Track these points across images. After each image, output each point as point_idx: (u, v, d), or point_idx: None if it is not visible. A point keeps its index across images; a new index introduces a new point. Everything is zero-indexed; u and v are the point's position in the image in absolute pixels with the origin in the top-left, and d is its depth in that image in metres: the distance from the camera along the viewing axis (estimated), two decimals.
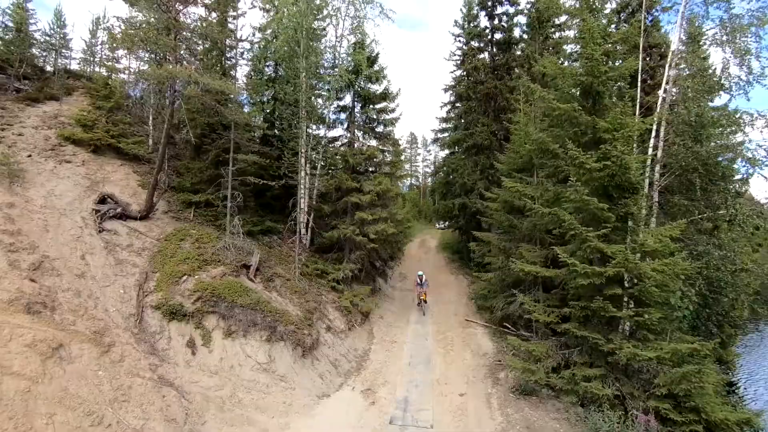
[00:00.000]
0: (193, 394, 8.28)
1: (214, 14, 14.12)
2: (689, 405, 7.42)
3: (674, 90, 11.24)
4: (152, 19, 10.95)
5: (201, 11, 13.65)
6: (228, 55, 14.60)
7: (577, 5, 10.25)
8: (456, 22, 28.46)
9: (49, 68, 20.61)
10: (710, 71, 10.72)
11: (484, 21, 26.76)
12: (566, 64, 14.56)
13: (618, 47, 10.38)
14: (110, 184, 12.77)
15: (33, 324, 7.56)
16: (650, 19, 12.83)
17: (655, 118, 10.61)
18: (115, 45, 13.51)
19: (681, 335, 8.76)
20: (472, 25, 27.24)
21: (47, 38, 22.69)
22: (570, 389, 8.84)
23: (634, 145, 10.74)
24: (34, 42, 18.84)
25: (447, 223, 32.56)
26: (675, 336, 8.79)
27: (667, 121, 10.98)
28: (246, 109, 15.72)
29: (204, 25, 11.58)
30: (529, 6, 23.53)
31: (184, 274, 10.60)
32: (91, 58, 27.33)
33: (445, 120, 31.30)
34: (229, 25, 15.15)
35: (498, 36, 26.09)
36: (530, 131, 11.31)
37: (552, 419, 8.87)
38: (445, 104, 30.30)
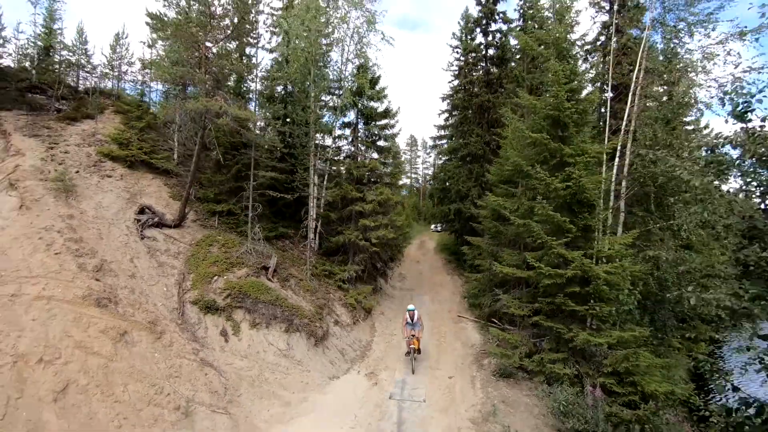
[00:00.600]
0: (228, 373, 10.12)
1: (233, 43, 16.00)
2: (629, 380, 9.24)
3: (634, 118, 13.08)
4: (185, 56, 12.78)
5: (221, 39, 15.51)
6: (247, 79, 16.44)
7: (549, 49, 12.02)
8: (454, 34, 30.33)
9: (70, 82, 22.36)
10: (664, 100, 12.54)
11: (479, 37, 28.63)
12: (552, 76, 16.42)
13: (586, 83, 12.21)
14: (146, 196, 14.63)
15: (102, 315, 9.40)
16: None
17: (619, 142, 12.45)
18: (158, 78, 15.23)
19: (631, 326, 10.57)
20: (468, 38, 29.07)
21: (70, 55, 24.54)
22: (539, 371, 10.68)
23: (611, 163, 12.64)
24: (63, 62, 20.63)
25: (442, 226, 34.38)
26: (627, 326, 10.61)
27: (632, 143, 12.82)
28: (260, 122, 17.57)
29: (230, 61, 13.37)
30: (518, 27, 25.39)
31: (214, 275, 12.46)
32: (112, 72, 29.08)
33: (442, 127, 33.23)
34: (246, 47, 17.02)
35: (491, 52, 27.94)
36: (510, 154, 13.11)
37: (524, 395, 10.70)
38: (443, 112, 32.21)
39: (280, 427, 9.09)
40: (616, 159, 13.01)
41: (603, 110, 14.77)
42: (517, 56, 25.12)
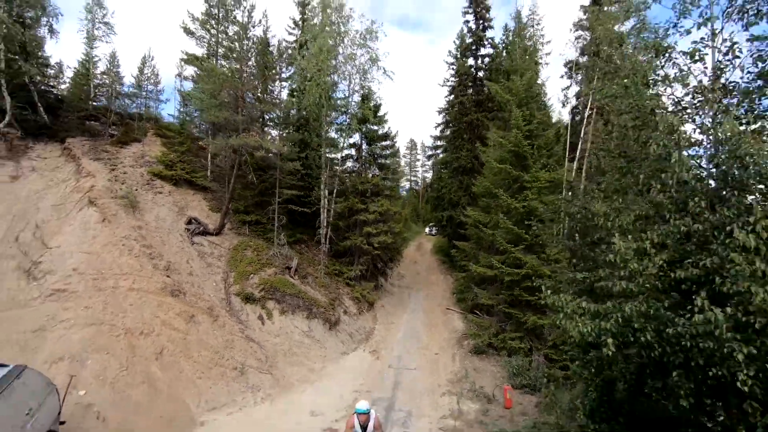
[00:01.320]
0: (266, 347, 13.42)
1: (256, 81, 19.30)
2: (564, 349, 12.50)
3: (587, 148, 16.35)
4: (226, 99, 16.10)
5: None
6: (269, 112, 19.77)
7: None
8: (450, 52, 33.74)
9: (116, 108, 25.58)
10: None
11: (470, 60, 32.03)
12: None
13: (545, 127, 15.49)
14: (191, 209, 17.95)
15: (176, 302, 12.71)
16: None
17: (566, 170, 15.76)
18: (204, 120, 18.44)
19: None
20: (462, 59, 32.40)
21: (104, 79, 27.83)
22: (502, 347, 13.98)
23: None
24: (110, 91, 23.95)
25: (436, 230, 37.59)
26: None
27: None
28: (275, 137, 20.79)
29: (260, 102, 16.66)
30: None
31: (250, 273, 15.76)
32: (140, 91, 32.39)
33: (438, 138, 36.66)
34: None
35: (481, 74, 31.27)
36: (485, 175, 16.41)
37: (491, 365, 14.00)
38: (439, 124, 35.59)
39: (308, 384, 12.39)
40: (571, 181, 16.33)
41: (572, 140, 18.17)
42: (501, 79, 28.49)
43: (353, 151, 22.67)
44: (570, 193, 11.29)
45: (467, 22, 32.55)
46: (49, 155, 18.27)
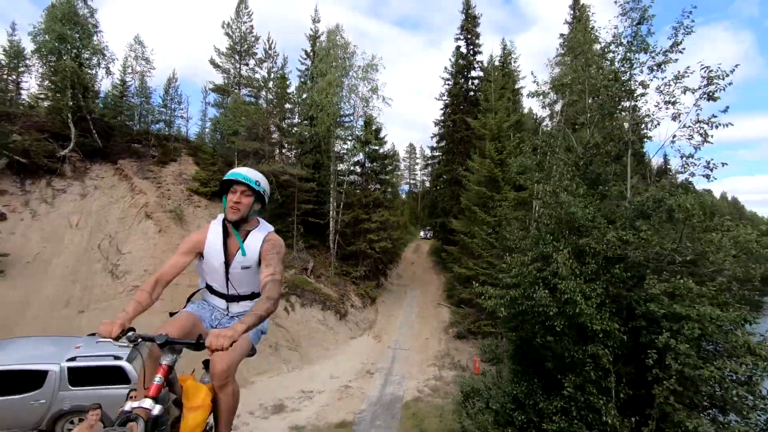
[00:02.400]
0: (292, 332, 17.07)
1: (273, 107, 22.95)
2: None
3: None
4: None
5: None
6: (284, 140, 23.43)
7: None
8: (446, 68, 37.46)
9: (151, 129, 29.20)
10: None
11: (462, 81, 35.78)
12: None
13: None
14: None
15: None
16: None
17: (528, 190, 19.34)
18: (237, 146, 22.06)
19: None
20: (456, 78, 36.10)
21: (133, 102, 31.48)
22: (478, 332, 17.63)
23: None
24: (149, 115, 27.61)
25: (430, 234, 41.13)
26: None
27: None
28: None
29: (282, 133, 20.32)
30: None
31: None
32: (166, 110, 35.92)
33: (434, 149, 40.39)
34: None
35: (471, 94, 34.97)
36: (465, 197, 20.07)
37: (468, 346, 17.67)
38: (435, 135, 39.31)
39: (326, 359, 16.06)
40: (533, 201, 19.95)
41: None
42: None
43: (358, 168, 26.34)
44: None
45: (459, 47, 36.35)
46: (105, 175, 21.89)
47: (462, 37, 36.13)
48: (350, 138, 25.39)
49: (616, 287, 7.45)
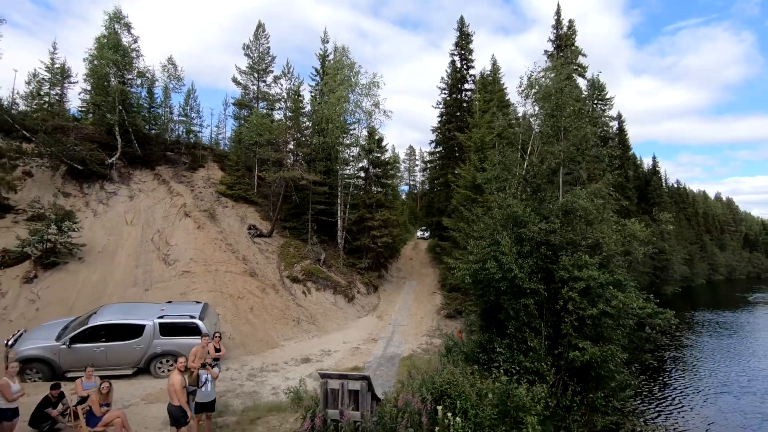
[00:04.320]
0: (310, 310, 20.65)
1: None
2: None
3: None
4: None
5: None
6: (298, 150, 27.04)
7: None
8: (442, 78, 40.91)
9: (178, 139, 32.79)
10: None
11: (455, 93, 39.36)
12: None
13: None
14: (249, 218, 25.19)
15: (253, 280, 19.96)
16: None
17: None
18: (262, 154, 25.65)
19: None
20: (450, 91, 39.68)
21: (165, 114, 35.11)
22: (463, 310, 21.22)
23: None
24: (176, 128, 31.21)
25: (428, 233, 44.54)
26: None
27: None
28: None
29: (299, 145, 23.92)
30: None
31: (294, 263, 23.01)
32: (186, 119, 39.48)
33: (431, 153, 43.96)
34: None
35: (464, 105, 38.54)
36: (455, 198, 23.64)
37: (455, 323, 21.24)
38: (432, 141, 42.82)
39: (338, 332, 19.62)
40: None
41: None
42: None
43: (362, 173, 29.94)
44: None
45: (453, 61, 40.00)
46: (146, 179, 25.51)
47: (456, 53, 39.83)
48: (355, 146, 29.02)
49: (543, 261, 11.03)
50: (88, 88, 27.63)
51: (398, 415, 8.04)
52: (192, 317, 12.88)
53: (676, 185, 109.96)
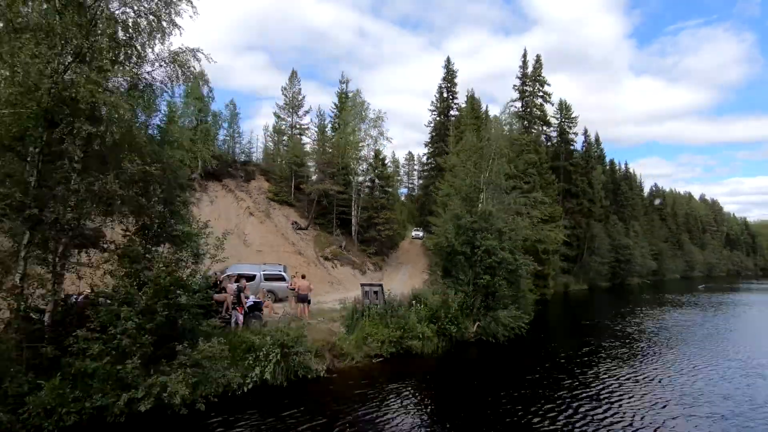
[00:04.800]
0: (338, 278, 30.98)
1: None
2: None
3: None
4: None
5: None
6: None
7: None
8: (432, 102, 51.20)
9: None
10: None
11: (443, 118, 49.78)
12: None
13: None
14: (291, 216, 35.50)
15: (302, 258, 30.31)
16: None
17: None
18: (294, 173, 35.93)
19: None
20: (439, 113, 50.10)
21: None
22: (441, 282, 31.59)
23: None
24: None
25: (422, 234, 54.42)
26: None
27: None
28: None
29: (328, 165, 34.29)
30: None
31: (324, 247, 33.36)
32: (231, 140, 49.43)
33: (425, 164, 54.37)
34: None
35: (448, 129, 48.85)
36: (438, 203, 34.00)
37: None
38: (425, 154, 53.23)
39: (357, 290, 29.90)
40: None
41: None
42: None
43: (369, 183, 40.26)
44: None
45: (441, 92, 50.43)
46: (217, 189, 35.80)
47: (444, 86, 50.27)
48: (364, 161, 39.36)
49: (469, 237, 21.27)
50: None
51: (394, 303, 18.37)
52: (280, 271, 23.21)
53: (654, 188, 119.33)
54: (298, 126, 41.21)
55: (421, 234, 48.53)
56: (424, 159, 54.75)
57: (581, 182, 56.66)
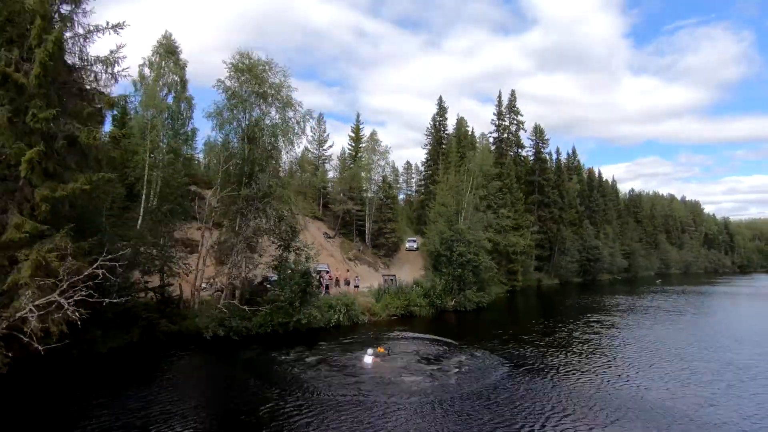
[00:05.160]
0: (361, 273, 42.92)
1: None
2: None
3: None
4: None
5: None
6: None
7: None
8: (427, 128, 63.31)
9: None
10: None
11: (436, 145, 61.90)
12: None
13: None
14: (321, 228, 47.47)
15: (332, 259, 42.29)
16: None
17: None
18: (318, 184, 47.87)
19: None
20: (433, 138, 62.25)
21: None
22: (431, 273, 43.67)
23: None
24: None
25: (416, 244, 66.39)
26: None
27: None
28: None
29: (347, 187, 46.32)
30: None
31: (348, 251, 45.39)
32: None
33: (422, 179, 66.52)
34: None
35: (441, 155, 60.89)
36: (431, 217, 46.11)
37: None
38: (422, 172, 65.38)
39: (375, 281, 41.88)
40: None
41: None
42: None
43: (379, 200, 52.20)
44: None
45: (434, 123, 62.55)
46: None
47: (438, 117, 62.36)
48: (374, 184, 51.40)
49: (450, 244, 33.15)
50: None
51: (402, 286, 30.45)
52: (325, 268, 35.33)
53: (630, 192, 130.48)
54: (323, 157, 53.32)
55: (415, 245, 53.53)
56: (422, 168, 66.75)
57: (552, 194, 68.37)
